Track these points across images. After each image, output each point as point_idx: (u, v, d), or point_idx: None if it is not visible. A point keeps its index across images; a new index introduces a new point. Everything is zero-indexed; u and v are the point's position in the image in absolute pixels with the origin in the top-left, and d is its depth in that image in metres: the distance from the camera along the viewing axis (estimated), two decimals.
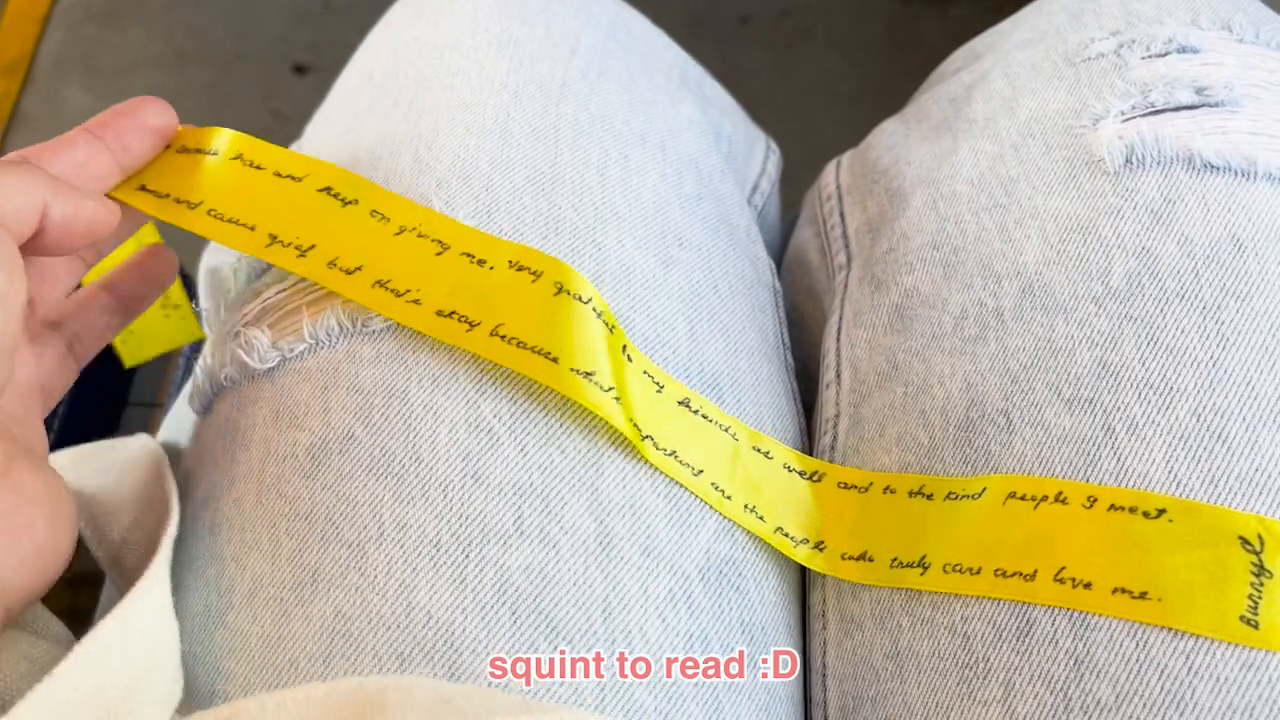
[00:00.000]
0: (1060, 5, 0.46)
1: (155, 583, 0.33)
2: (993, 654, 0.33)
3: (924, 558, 0.36)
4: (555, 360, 0.35)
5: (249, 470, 0.37)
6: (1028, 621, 0.33)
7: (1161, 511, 0.32)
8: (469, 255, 0.37)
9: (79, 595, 0.37)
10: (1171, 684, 0.31)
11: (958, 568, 0.35)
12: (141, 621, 0.32)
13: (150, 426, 0.59)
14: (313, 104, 0.51)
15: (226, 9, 1.34)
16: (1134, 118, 0.40)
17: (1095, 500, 0.33)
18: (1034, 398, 0.36)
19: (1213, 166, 0.38)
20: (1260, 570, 0.30)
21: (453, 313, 0.36)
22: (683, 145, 0.45)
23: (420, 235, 0.38)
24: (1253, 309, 0.35)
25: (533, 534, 0.34)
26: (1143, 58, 0.41)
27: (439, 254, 0.37)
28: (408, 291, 0.37)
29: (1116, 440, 0.34)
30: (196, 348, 0.45)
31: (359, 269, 0.37)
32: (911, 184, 0.44)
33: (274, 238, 0.38)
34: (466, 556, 0.34)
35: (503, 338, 0.36)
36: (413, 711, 0.29)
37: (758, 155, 0.53)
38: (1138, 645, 0.31)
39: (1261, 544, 0.31)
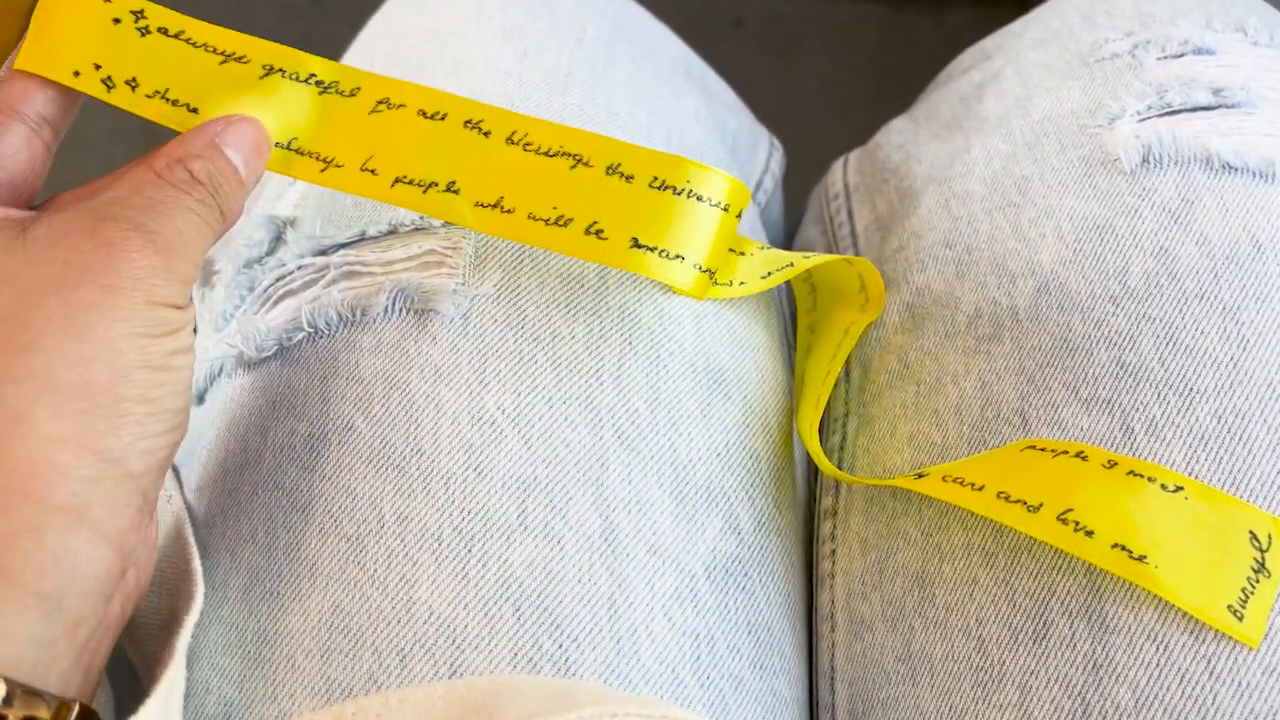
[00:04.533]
0: (1073, 6, 0.46)
1: (174, 683, 0.31)
2: (1008, 657, 0.33)
3: (921, 471, 0.35)
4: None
5: (245, 461, 0.36)
6: (1044, 624, 0.32)
7: (1179, 488, 0.32)
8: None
9: None
10: (1193, 689, 0.30)
11: (959, 480, 0.34)
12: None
13: None
14: None
15: (214, 3, 1.33)
16: (1151, 117, 0.39)
17: (1115, 464, 0.32)
18: (1051, 397, 0.35)
19: (1231, 167, 0.37)
20: (1260, 568, 0.30)
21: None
22: (688, 139, 0.45)
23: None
24: (1273, 310, 0.34)
25: (537, 529, 0.34)
26: (1158, 58, 0.41)
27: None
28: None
29: (1135, 441, 0.33)
30: None
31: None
32: (922, 182, 0.44)
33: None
34: (469, 551, 0.33)
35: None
36: (529, 696, 0.29)
37: (761, 152, 0.52)
38: (1158, 649, 0.31)
39: (1269, 543, 0.30)
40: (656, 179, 0.35)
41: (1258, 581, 0.30)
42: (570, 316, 0.37)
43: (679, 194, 0.35)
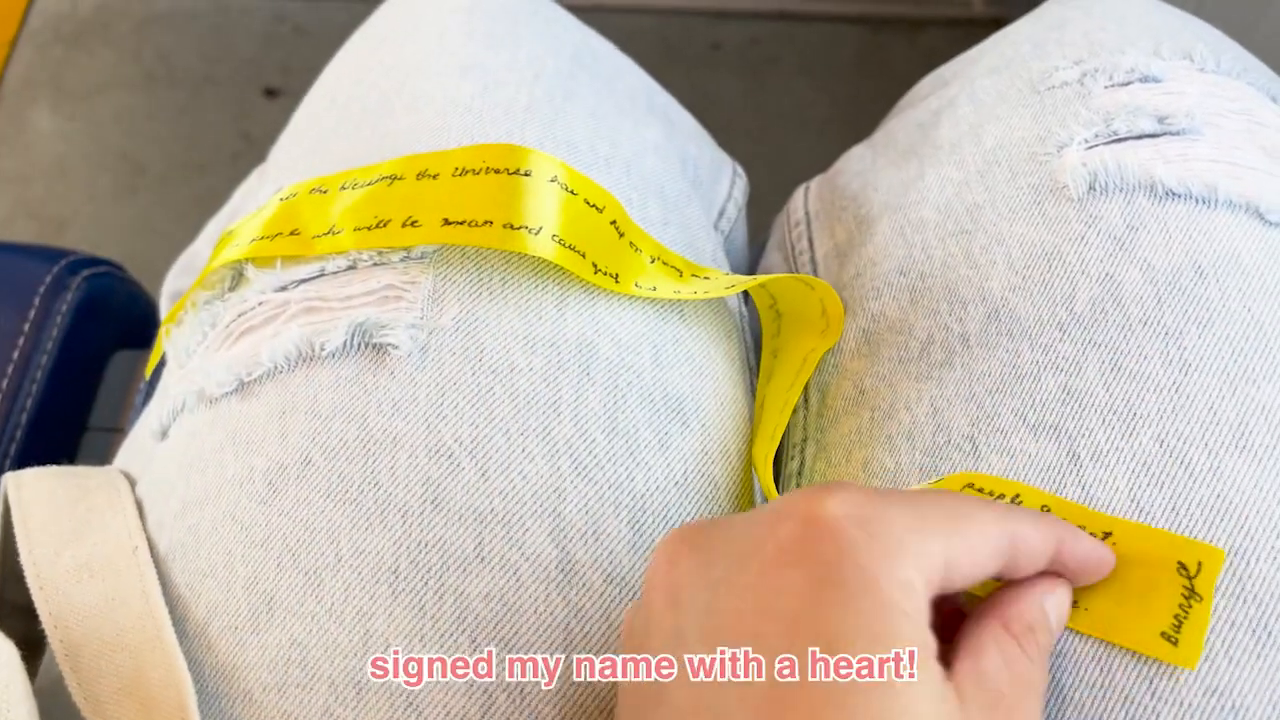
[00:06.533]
0: (1025, 34, 0.47)
1: None
2: None
3: None
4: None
5: (204, 496, 0.37)
6: None
7: (1108, 534, 0.32)
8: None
9: (33, 624, 0.36)
10: (1136, 710, 0.30)
11: None
12: None
13: (110, 451, 0.59)
14: (283, 127, 0.51)
15: (196, 32, 1.34)
16: (1097, 145, 0.40)
17: (1047, 509, 0.33)
18: (999, 424, 0.36)
19: (1174, 194, 0.38)
20: (1190, 593, 0.31)
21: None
22: (648, 170, 0.45)
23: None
24: (1214, 335, 0.35)
25: (494, 561, 0.34)
26: (1106, 86, 0.42)
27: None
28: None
29: (1081, 467, 0.34)
30: (157, 373, 0.44)
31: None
32: (879, 210, 0.44)
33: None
34: (426, 584, 0.34)
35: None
36: None
37: (724, 180, 0.53)
38: (1102, 671, 0.31)
39: (1198, 569, 0.31)
40: (458, 169, 0.39)
41: (1190, 607, 0.31)
42: (528, 349, 0.37)
43: (477, 174, 0.39)
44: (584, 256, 0.38)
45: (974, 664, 0.28)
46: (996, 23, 0.58)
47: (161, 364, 0.44)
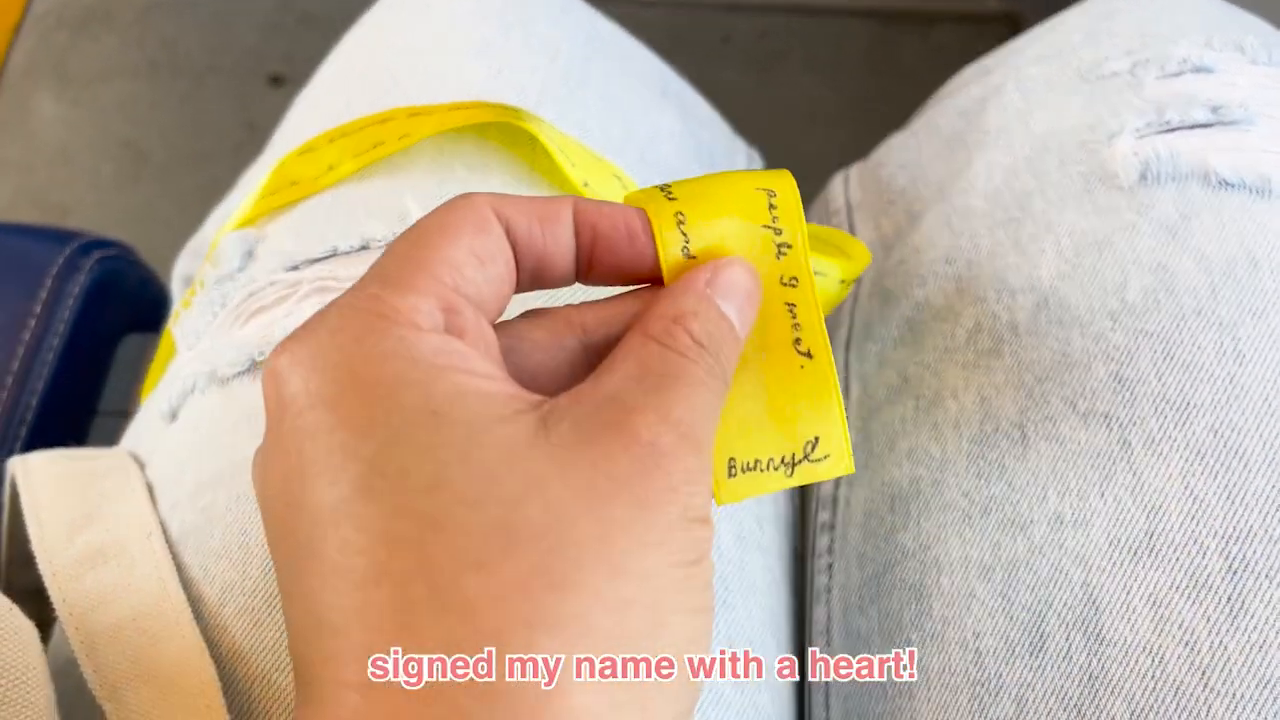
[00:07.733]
0: (1075, 24, 0.46)
1: None
2: (1005, 670, 0.33)
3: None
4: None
5: (217, 477, 0.36)
6: (1041, 637, 0.32)
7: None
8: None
9: (41, 607, 0.35)
10: (1187, 701, 0.30)
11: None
12: None
13: (120, 436, 0.58)
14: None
15: (200, 20, 1.33)
16: (1150, 134, 0.39)
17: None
18: (1049, 411, 0.35)
19: (1228, 184, 0.37)
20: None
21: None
22: (662, 155, 0.45)
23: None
24: (1269, 326, 0.34)
25: None
26: (1158, 77, 0.41)
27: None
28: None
29: (1133, 455, 0.33)
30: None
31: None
32: (928, 203, 0.44)
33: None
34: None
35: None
36: None
37: (739, 165, 0.52)
38: (1154, 661, 0.30)
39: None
40: (448, 108, 0.40)
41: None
42: None
43: (467, 108, 0.40)
44: (564, 154, 0.38)
45: (591, 384, 0.24)
46: (1008, 18, 0.57)
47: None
